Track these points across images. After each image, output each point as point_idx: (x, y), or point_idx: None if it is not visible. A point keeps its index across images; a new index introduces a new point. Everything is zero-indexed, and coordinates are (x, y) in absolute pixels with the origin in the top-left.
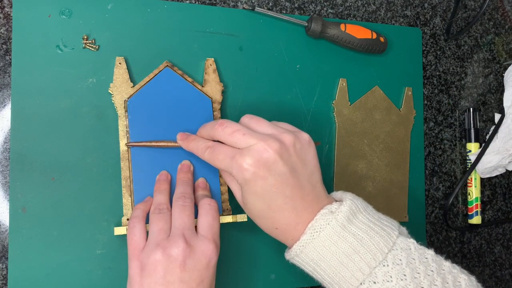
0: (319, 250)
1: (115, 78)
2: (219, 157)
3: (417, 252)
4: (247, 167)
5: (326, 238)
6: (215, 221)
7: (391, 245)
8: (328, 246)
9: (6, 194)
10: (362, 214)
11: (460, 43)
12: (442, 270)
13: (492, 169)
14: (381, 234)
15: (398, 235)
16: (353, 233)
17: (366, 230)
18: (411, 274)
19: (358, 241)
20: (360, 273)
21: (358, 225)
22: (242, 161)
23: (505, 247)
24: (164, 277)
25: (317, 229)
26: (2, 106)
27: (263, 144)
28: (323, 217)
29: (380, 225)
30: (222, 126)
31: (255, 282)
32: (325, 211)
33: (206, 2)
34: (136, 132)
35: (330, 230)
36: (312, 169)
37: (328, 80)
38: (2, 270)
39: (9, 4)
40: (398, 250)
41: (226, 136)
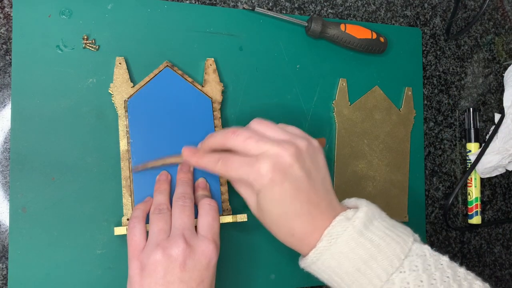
0: (336, 257)
1: (115, 78)
2: (234, 166)
3: (432, 258)
4: (265, 172)
5: (344, 245)
6: (215, 221)
7: (407, 251)
8: (345, 253)
9: (6, 194)
10: (377, 220)
11: (460, 43)
12: (458, 277)
13: (492, 169)
14: (397, 241)
15: (413, 241)
16: (370, 240)
17: (383, 237)
18: (428, 281)
19: (375, 248)
20: (378, 280)
21: (375, 231)
22: (259, 167)
23: (505, 247)
24: (164, 277)
25: (334, 235)
26: (2, 106)
27: (278, 149)
28: (340, 224)
29: (396, 232)
30: (235, 133)
31: (255, 282)
32: (341, 218)
33: (206, 2)
34: (136, 132)
35: (347, 237)
36: (324, 175)
37: (328, 80)
38: (2, 270)
39: (9, 4)
40: (414, 256)
41: (240, 144)
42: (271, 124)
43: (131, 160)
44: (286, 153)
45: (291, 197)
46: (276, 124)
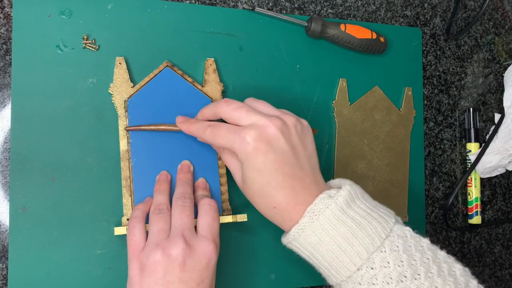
0: (318, 234)
1: (115, 78)
2: (221, 133)
3: (413, 239)
4: (250, 140)
5: (325, 222)
6: (215, 221)
7: (388, 231)
8: (327, 229)
9: (6, 194)
10: (360, 200)
11: (460, 43)
12: (438, 259)
13: (492, 169)
14: (379, 220)
15: (394, 222)
16: (351, 218)
17: (364, 216)
18: (408, 261)
19: (356, 225)
20: (358, 258)
21: (357, 210)
22: (244, 135)
23: (505, 247)
24: (164, 277)
25: (316, 212)
26: (2, 106)
27: (266, 121)
28: (322, 201)
29: (378, 212)
30: (227, 102)
31: (255, 282)
32: (324, 195)
33: (206, 2)
34: (136, 132)
35: (329, 214)
36: (311, 153)
37: (328, 80)
38: (2, 270)
39: (9, 4)
40: (395, 237)
41: (230, 112)
42: (263, 101)
43: (131, 160)
44: (273, 125)
45: (274, 168)
46: (268, 103)
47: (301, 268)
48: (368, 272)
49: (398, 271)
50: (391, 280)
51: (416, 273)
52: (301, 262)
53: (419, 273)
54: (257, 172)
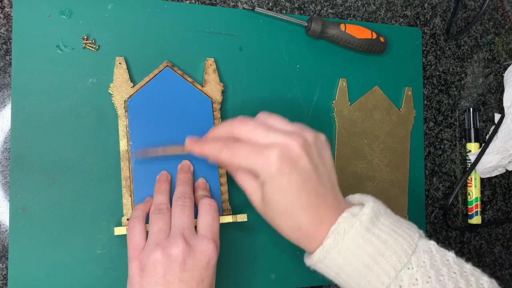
0: (344, 254)
1: (115, 78)
2: (241, 153)
3: (439, 254)
4: (273, 161)
5: (351, 242)
6: (215, 221)
7: (414, 247)
8: (353, 249)
9: (6, 194)
10: (383, 217)
11: (460, 43)
12: (465, 272)
13: (492, 169)
14: (404, 236)
15: (419, 237)
16: (377, 236)
17: (390, 233)
18: (436, 277)
19: (382, 244)
20: (386, 276)
21: (381, 227)
22: (268, 156)
23: (505, 247)
24: (164, 277)
25: (341, 232)
26: (2, 106)
27: (288, 139)
28: (346, 220)
29: (402, 228)
30: (243, 122)
31: (255, 282)
32: (347, 214)
33: (206, 2)
34: (136, 132)
35: (354, 233)
36: (330, 169)
37: (328, 80)
38: (2, 270)
39: (9, 4)
40: (421, 252)
41: (248, 132)
42: (278, 116)
43: (131, 160)
44: (296, 144)
45: (298, 188)
46: (283, 117)
47: (301, 268)
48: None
49: (427, 287)
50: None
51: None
52: (301, 262)
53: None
54: (281, 193)
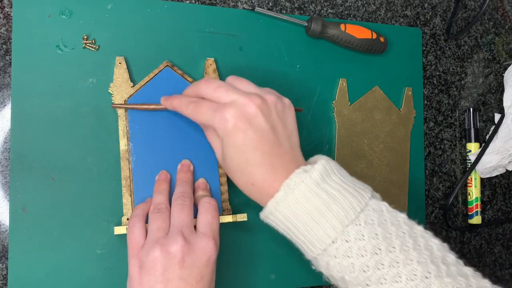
0: (293, 207)
1: (115, 78)
2: (202, 109)
3: (389, 214)
4: (229, 118)
5: (300, 195)
6: (215, 220)
7: (364, 205)
8: (301, 202)
9: (6, 194)
10: (335, 175)
11: (460, 43)
12: (414, 233)
13: (492, 169)
14: (354, 194)
15: (370, 197)
16: (326, 191)
17: (339, 189)
18: (383, 234)
19: (331, 198)
20: (333, 230)
21: (331, 184)
22: (224, 113)
23: (505, 247)
24: (163, 274)
25: (291, 186)
26: (2, 106)
27: (245, 99)
28: (298, 176)
29: (353, 187)
30: (207, 82)
31: (255, 282)
32: (299, 170)
33: (206, 2)
34: (136, 132)
35: (303, 187)
36: (291, 131)
37: (328, 80)
38: (2, 270)
39: (9, 4)
40: (370, 211)
41: (210, 91)
42: (244, 79)
43: (131, 160)
44: (252, 104)
45: (253, 146)
46: (250, 81)
47: (301, 268)
48: (343, 245)
49: (373, 243)
50: (366, 252)
51: (391, 246)
52: (301, 262)
53: (394, 246)
54: (236, 149)
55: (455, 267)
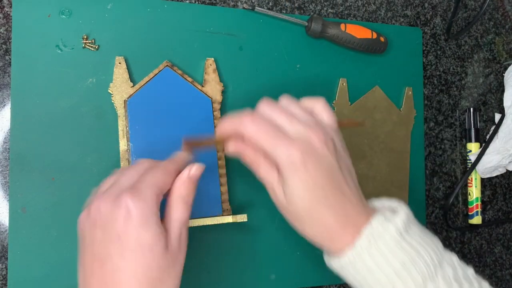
0: (376, 259)
1: (115, 78)
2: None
3: (461, 268)
4: (298, 153)
5: (384, 246)
6: None
7: (441, 259)
8: (385, 254)
9: (6, 194)
10: (414, 225)
11: (461, 43)
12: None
13: (492, 169)
14: (432, 247)
15: (443, 249)
16: (409, 243)
17: (420, 242)
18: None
19: (415, 252)
20: (413, 285)
21: (413, 235)
22: (289, 144)
23: (506, 247)
24: None
25: (375, 235)
26: (2, 106)
27: (312, 133)
28: (381, 224)
29: (429, 238)
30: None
31: (255, 282)
32: (381, 218)
33: (206, 2)
34: (136, 132)
35: (388, 238)
36: (351, 169)
37: (328, 80)
38: (2, 270)
39: (9, 4)
40: (445, 266)
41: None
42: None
43: (131, 160)
44: (320, 140)
45: (323, 184)
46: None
47: (301, 268)
48: None
49: None
50: None
51: None
52: (301, 262)
53: None
54: (305, 188)
55: None
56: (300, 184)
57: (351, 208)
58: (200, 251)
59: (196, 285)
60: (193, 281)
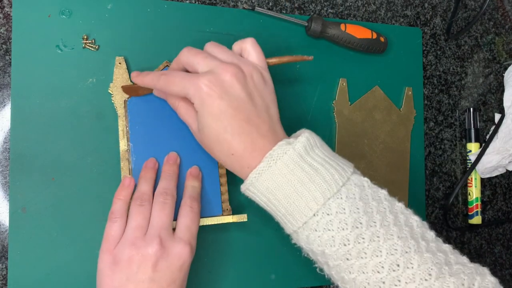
0: (275, 178)
1: (115, 78)
2: (175, 80)
3: (371, 189)
4: (203, 85)
5: (283, 167)
6: (194, 224)
7: (346, 180)
8: (284, 174)
9: (6, 194)
10: (318, 148)
11: (460, 43)
12: (395, 210)
13: (492, 169)
14: (337, 168)
15: (353, 172)
16: (309, 163)
17: (322, 163)
18: (364, 208)
19: (314, 171)
20: (314, 203)
21: (315, 157)
22: (198, 80)
23: (505, 247)
24: (136, 274)
25: (274, 157)
26: (2, 106)
27: (222, 68)
28: (281, 147)
29: (336, 161)
30: (187, 49)
31: (255, 282)
32: (282, 142)
33: (206, 2)
34: (135, 132)
35: (287, 159)
36: (269, 103)
37: (328, 80)
38: (2, 270)
39: (9, 4)
40: (352, 185)
41: (189, 57)
42: (224, 47)
43: (131, 160)
44: (228, 72)
45: (230, 114)
46: (229, 50)
47: (301, 268)
48: (324, 218)
49: (354, 217)
50: (346, 226)
51: (371, 221)
52: (301, 262)
53: (374, 221)
54: (213, 117)
55: (434, 244)
56: (207, 114)
57: (259, 137)
58: (200, 251)
59: (196, 284)
60: (194, 281)
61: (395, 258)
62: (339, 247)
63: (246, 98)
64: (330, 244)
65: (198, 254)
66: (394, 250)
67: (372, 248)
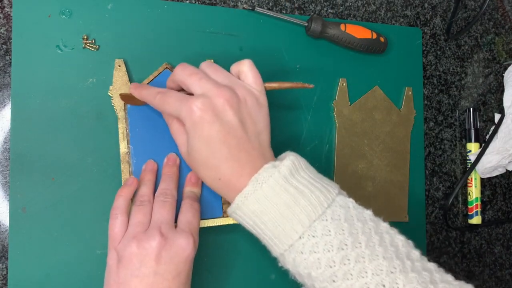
0: (261, 202)
1: (115, 80)
2: (170, 100)
3: (356, 210)
4: (196, 109)
5: (268, 190)
6: (195, 219)
7: (331, 201)
8: (270, 197)
9: (6, 194)
10: (303, 171)
11: (460, 43)
12: (380, 230)
13: (492, 169)
14: (321, 190)
15: (337, 194)
16: (294, 186)
17: (307, 185)
18: (349, 230)
19: (299, 193)
20: (300, 225)
21: (299, 179)
22: (191, 103)
23: (505, 247)
24: (139, 269)
25: (260, 181)
26: (2, 106)
27: (215, 91)
28: (266, 171)
29: (321, 183)
30: (182, 67)
31: (255, 282)
32: (268, 166)
33: (206, 2)
34: (136, 134)
35: (272, 182)
36: (261, 129)
37: (328, 80)
38: (2, 270)
39: (9, 4)
40: (337, 207)
41: (185, 77)
42: (219, 68)
43: (131, 162)
44: (221, 97)
45: (220, 139)
46: (224, 70)
47: None
48: (310, 240)
49: (339, 239)
50: (332, 247)
51: (357, 242)
52: None
53: (360, 242)
54: (202, 142)
55: (419, 263)
56: (197, 138)
57: (247, 162)
58: (201, 252)
59: (197, 285)
60: (194, 281)
61: (380, 278)
62: (325, 269)
63: (238, 124)
64: (316, 266)
65: (199, 255)
66: (380, 270)
67: (358, 269)
